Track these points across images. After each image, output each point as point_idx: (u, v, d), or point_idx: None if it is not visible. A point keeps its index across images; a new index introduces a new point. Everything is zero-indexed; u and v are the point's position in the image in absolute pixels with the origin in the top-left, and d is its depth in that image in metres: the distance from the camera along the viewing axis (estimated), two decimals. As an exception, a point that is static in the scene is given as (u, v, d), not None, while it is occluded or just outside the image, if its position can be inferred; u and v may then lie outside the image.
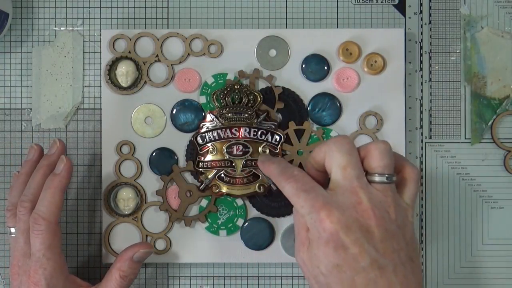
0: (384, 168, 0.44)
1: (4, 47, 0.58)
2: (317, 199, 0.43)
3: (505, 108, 0.58)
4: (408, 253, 0.43)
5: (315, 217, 0.42)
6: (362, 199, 0.42)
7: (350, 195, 0.43)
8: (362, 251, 0.41)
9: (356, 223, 0.42)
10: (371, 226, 0.42)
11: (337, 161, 0.44)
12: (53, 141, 0.53)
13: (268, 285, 0.57)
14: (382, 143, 0.44)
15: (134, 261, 0.52)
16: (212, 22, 0.58)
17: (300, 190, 0.44)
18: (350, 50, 0.56)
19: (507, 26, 0.58)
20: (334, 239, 0.42)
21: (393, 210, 0.43)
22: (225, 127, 0.55)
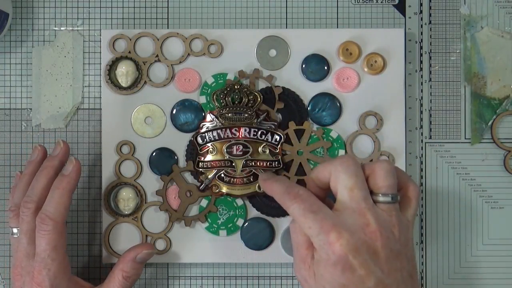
0: (389, 188, 0.45)
1: (4, 47, 0.58)
2: (325, 221, 0.43)
3: (505, 108, 0.58)
4: (409, 271, 0.44)
5: (324, 239, 0.43)
6: (370, 220, 0.43)
7: (358, 216, 0.43)
8: (368, 272, 0.42)
9: (364, 245, 0.43)
10: (377, 247, 0.43)
11: (344, 183, 0.44)
12: (57, 142, 0.53)
13: (268, 285, 0.57)
14: (387, 163, 0.45)
15: (137, 262, 0.52)
16: (212, 22, 0.58)
17: (307, 211, 0.44)
18: (350, 50, 0.56)
19: (507, 26, 0.58)
20: (343, 261, 0.42)
21: (397, 229, 0.44)
22: (225, 127, 0.55)
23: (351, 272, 0.42)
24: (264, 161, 0.55)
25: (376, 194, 0.45)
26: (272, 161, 0.55)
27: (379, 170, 0.45)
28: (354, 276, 0.42)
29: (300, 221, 0.44)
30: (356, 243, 0.42)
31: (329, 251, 0.42)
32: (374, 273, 0.42)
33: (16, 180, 0.54)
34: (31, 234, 0.50)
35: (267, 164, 0.55)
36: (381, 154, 0.56)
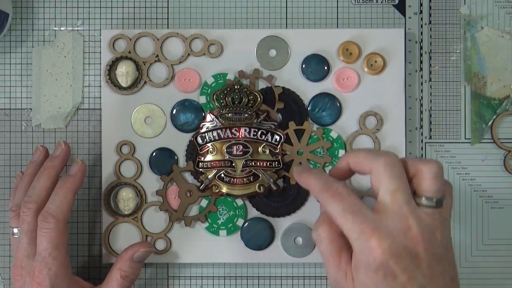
0: (435, 193, 0.43)
1: (4, 47, 0.58)
2: (366, 224, 0.42)
3: (505, 108, 0.58)
4: (450, 274, 0.43)
5: (365, 244, 0.42)
6: (412, 225, 0.42)
7: (400, 220, 0.42)
8: (410, 278, 0.41)
9: (406, 251, 0.41)
10: (419, 252, 0.42)
11: (387, 184, 0.43)
12: (58, 143, 0.53)
13: (268, 285, 0.57)
14: (436, 165, 0.43)
15: (134, 261, 0.52)
16: (212, 22, 0.58)
17: (347, 212, 0.42)
18: (350, 50, 0.56)
19: (507, 26, 0.58)
20: (384, 267, 0.41)
21: (440, 232, 0.43)
22: (225, 127, 0.55)
23: (393, 278, 0.41)
24: (264, 161, 0.55)
25: (420, 196, 0.43)
26: (272, 161, 0.55)
27: (427, 172, 0.43)
28: (396, 282, 0.41)
29: (339, 221, 0.43)
30: (398, 248, 0.41)
31: (369, 256, 0.41)
32: (416, 279, 0.41)
33: (17, 181, 0.54)
34: (32, 234, 0.50)
35: (267, 164, 0.55)
36: (381, 154, 0.56)
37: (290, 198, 0.56)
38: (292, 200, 0.56)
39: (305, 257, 0.56)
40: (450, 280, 0.43)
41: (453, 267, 0.44)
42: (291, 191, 0.56)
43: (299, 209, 0.56)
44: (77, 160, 0.52)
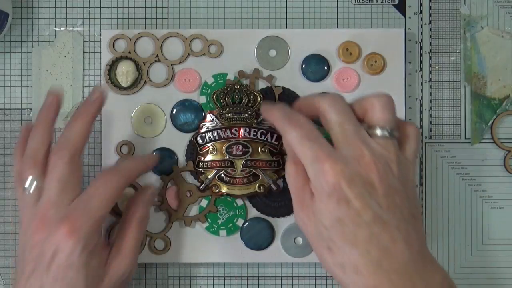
0: (387, 122, 0.43)
1: (4, 47, 0.58)
2: (321, 150, 0.42)
3: (505, 108, 0.58)
4: (410, 210, 0.42)
5: (318, 168, 0.42)
6: (365, 152, 0.42)
7: (353, 148, 0.42)
8: (364, 205, 0.41)
9: (359, 177, 0.41)
10: (374, 180, 0.42)
11: (334, 119, 0.44)
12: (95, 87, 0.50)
13: (268, 285, 0.57)
14: (385, 96, 0.44)
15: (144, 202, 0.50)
16: (212, 22, 0.58)
17: (305, 139, 0.43)
18: (350, 50, 0.56)
19: (507, 26, 0.58)
20: (337, 192, 0.41)
21: (395, 166, 0.43)
22: (225, 127, 0.55)
23: (347, 204, 0.41)
24: (264, 161, 0.55)
25: (373, 127, 0.43)
26: (272, 161, 0.55)
27: (377, 103, 0.44)
28: (349, 208, 0.41)
29: (297, 148, 0.43)
30: (351, 173, 0.41)
31: (322, 180, 0.42)
32: (371, 206, 0.41)
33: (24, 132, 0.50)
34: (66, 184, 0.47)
35: (267, 164, 0.55)
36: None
37: (290, 198, 0.56)
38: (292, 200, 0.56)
39: (305, 257, 0.56)
40: (410, 216, 0.42)
41: (415, 206, 0.43)
42: (291, 191, 0.56)
43: (299, 209, 0.56)
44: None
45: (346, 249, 0.42)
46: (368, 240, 0.41)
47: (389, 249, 0.41)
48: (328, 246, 0.43)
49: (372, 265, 0.41)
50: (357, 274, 0.41)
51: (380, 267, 0.41)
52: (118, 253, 0.48)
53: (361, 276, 0.41)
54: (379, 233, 0.41)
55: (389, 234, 0.41)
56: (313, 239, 0.44)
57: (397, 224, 0.41)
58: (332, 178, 0.41)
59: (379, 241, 0.41)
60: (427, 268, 0.42)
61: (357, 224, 0.41)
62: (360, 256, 0.41)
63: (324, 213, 0.42)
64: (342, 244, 0.42)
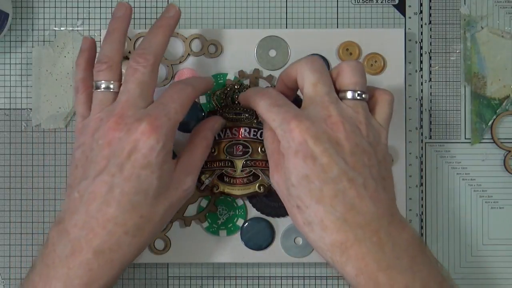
0: (356, 84, 0.45)
1: (4, 47, 0.58)
2: (288, 112, 0.43)
3: (505, 108, 0.58)
4: (380, 171, 0.43)
5: (285, 128, 0.43)
6: (332, 112, 0.43)
7: (321, 109, 0.43)
8: (330, 161, 0.42)
9: (326, 135, 0.42)
10: (340, 139, 0.43)
11: (308, 79, 0.45)
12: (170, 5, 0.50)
13: (268, 285, 0.57)
14: (354, 61, 0.46)
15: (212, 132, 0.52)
16: (212, 22, 0.58)
17: (273, 105, 0.45)
18: (350, 50, 0.56)
19: (507, 26, 0.58)
20: (303, 148, 0.42)
21: (364, 127, 0.44)
22: (225, 127, 0.55)
23: (312, 160, 0.42)
24: (264, 161, 0.55)
25: (343, 91, 0.45)
26: (272, 161, 0.55)
27: (347, 67, 0.45)
28: (315, 165, 0.42)
29: (266, 116, 0.45)
30: (317, 131, 0.42)
31: (289, 138, 0.43)
32: (337, 162, 0.42)
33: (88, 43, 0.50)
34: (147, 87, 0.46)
35: (267, 164, 0.55)
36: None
37: (290, 198, 0.56)
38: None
39: (305, 257, 0.56)
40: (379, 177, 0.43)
41: (386, 168, 0.44)
42: (291, 191, 0.56)
43: (299, 209, 0.56)
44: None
45: (313, 206, 0.42)
46: (334, 196, 0.42)
47: (355, 205, 0.42)
48: (297, 205, 0.44)
49: (338, 221, 0.42)
50: (324, 231, 0.42)
51: (345, 223, 0.42)
52: (184, 168, 0.48)
53: (328, 232, 0.42)
54: (345, 189, 0.42)
55: (355, 191, 0.42)
56: (285, 199, 0.45)
57: (363, 182, 0.42)
58: (298, 135, 0.42)
59: (345, 197, 0.42)
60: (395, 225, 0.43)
61: (323, 180, 0.42)
62: (326, 212, 0.42)
63: (292, 171, 0.43)
64: (309, 201, 0.43)
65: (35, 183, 0.57)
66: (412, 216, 0.57)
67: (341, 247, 0.42)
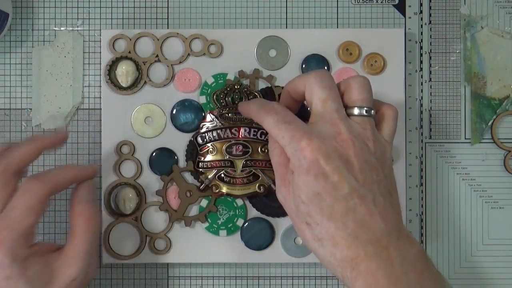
0: (363, 101, 0.45)
1: (4, 47, 0.58)
2: (297, 129, 0.43)
3: (505, 108, 0.58)
4: (386, 186, 0.44)
5: (295, 146, 0.43)
6: (342, 130, 0.43)
7: (330, 126, 0.44)
8: (342, 179, 0.42)
9: (336, 152, 0.43)
10: (350, 156, 0.43)
11: (318, 95, 0.45)
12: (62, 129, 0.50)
13: (268, 285, 0.57)
14: (362, 77, 0.46)
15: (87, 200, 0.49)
16: (212, 22, 0.58)
17: (281, 122, 0.44)
18: (350, 50, 0.56)
19: (507, 26, 0.58)
20: (315, 167, 0.42)
21: (372, 143, 0.44)
22: (225, 127, 0.55)
23: (324, 178, 0.42)
24: (264, 161, 0.55)
25: (351, 107, 0.45)
26: (272, 161, 0.55)
27: (354, 84, 0.45)
28: (327, 182, 0.42)
29: (274, 132, 0.45)
30: (327, 149, 0.42)
31: (300, 156, 0.43)
32: (347, 180, 0.42)
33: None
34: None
35: (267, 164, 0.55)
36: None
37: (290, 198, 0.56)
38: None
39: (305, 257, 0.56)
40: (387, 192, 0.44)
41: (391, 183, 0.45)
42: (291, 191, 0.56)
43: (299, 209, 0.56)
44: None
45: (323, 223, 0.43)
46: (345, 213, 0.42)
47: (366, 222, 0.42)
48: (306, 221, 0.44)
49: (349, 237, 0.42)
50: (335, 247, 0.42)
51: (356, 239, 0.42)
52: (66, 257, 0.47)
53: (339, 248, 0.42)
54: (355, 206, 0.42)
55: (366, 208, 0.42)
56: (293, 214, 0.45)
57: (373, 198, 0.43)
58: (310, 154, 0.42)
59: (356, 214, 0.42)
60: (403, 241, 0.43)
61: (335, 197, 0.42)
62: (337, 229, 0.42)
63: (302, 188, 0.43)
64: (319, 218, 0.43)
65: (35, 183, 0.57)
66: (412, 216, 0.57)
67: (351, 263, 0.42)
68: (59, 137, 0.50)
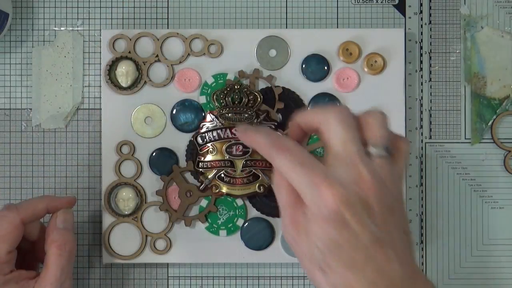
0: (382, 139, 0.43)
1: (4, 47, 0.58)
2: (316, 174, 0.41)
3: (505, 108, 0.58)
4: (402, 226, 0.42)
5: (315, 193, 0.40)
6: (363, 173, 0.41)
7: (351, 170, 0.41)
8: (363, 227, 0.40)
9: (357, 198, 0.40)
10: (371, 200, 0.41)
11: (338, 135, 0.42)
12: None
13: (268, 285, 0.57)
14: (379, 113, 0.44)
15: (60, 228, 0.51)
16: (212, 22, 0.58)
17: (297, 164, 0.41)
18: (350, 50, 0.56)
19: (507, 26, 0.58)
20: (336, 216, 0.40)
21: (389, 183, 0.42)
22: (225, 127, 0.55)
23: (345, 227, 0.40)
24: (264, 161, 0.55)
25: (370, 146, 0.43)
26: (272, 161, 0.55)
27: (373, 120, 0.43)
28: (347, 232, 0.40)
29: (288, 175, 0.42)
30: (350, 196, 0.40)
31: (321, 205, 0.40)
32: (369, 228, 0.40)
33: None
34: None
35: (267, 164, 0.55)
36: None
37: (290, 198, 0.56)
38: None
39: (305, 257, 0.56)
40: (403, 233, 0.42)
41: (406, 221, 0.43)
42: (291, 191, 0.56)
43: (299, 209, 0.56)
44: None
45: (341, 271, 0.41)
46: (364, 262, 0.41)
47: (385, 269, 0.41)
48: (320, 267, 0.42)
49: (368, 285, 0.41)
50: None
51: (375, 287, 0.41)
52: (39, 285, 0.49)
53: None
54: (375, 254, 0.41)
55: (385, 254, 0.41)
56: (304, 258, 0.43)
57: (391, 242, 0.41)
58: (332, 202, 0.40)
59: (375, 262, 0.41)
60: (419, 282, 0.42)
61: (355, 246, 0.40)
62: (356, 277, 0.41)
63: (320, 236, 0.41)
64: (336, 266, 0.41)
65: (35, 183, 0.57)
66: (412, 216, 0.57)
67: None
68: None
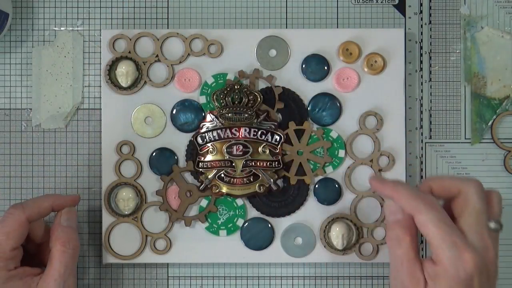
0: (498, 215, 0.47)
1: (4, 47, 0.58)
2: (459, 237, 0.44)
3: (505, 108, 0.58)
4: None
5: (457, 255, 0.44)
6: (489, 246, 0.46)
7: (481, 241, 0.45)
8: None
9: (485, 268, 0.45)
10: (491, 271, 0.46)
11: (476, 206, 0.46)
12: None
13: (268, 285, 0.57)
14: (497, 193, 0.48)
15: (64, 225, 0.52)
16: (212, 22, 0.58)
17: (443, 222, 0.45)
18: (350, 50, 0.56)
19: (507, 26, 0.58)
20: (469, 279, 0.44)
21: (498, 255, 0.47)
22: (225, 127, 0.55)
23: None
24: (264, 161, 0.55)
25: (490, 220, 0.47)
26: (272, 161, 0.55)
27: (495, 198, 0.48)
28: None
29: (432, 230, 0.45)
30: (482, 266, 0.44)
31: (460, 268, 0.44)
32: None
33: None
34: None
35: (267, 164, 0.55)
36: (381, 154, 0.56)
37: (290, 198, 0.56)
38: (292, 200, 0.56)
39: (305, 257, 0.56)
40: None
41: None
42: (291, 191, 0.56)
43: (299, 209, 0.56)
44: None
45: None
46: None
47: None
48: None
49: None
50: None
51: None
52: (43, 282, 0.50)
53: None
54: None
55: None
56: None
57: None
58: (471, 268, 0.44)
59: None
60: None
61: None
62: None
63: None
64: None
65: (35, 183, 0.57)
66: (412, 216, 0.57)
67: None
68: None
